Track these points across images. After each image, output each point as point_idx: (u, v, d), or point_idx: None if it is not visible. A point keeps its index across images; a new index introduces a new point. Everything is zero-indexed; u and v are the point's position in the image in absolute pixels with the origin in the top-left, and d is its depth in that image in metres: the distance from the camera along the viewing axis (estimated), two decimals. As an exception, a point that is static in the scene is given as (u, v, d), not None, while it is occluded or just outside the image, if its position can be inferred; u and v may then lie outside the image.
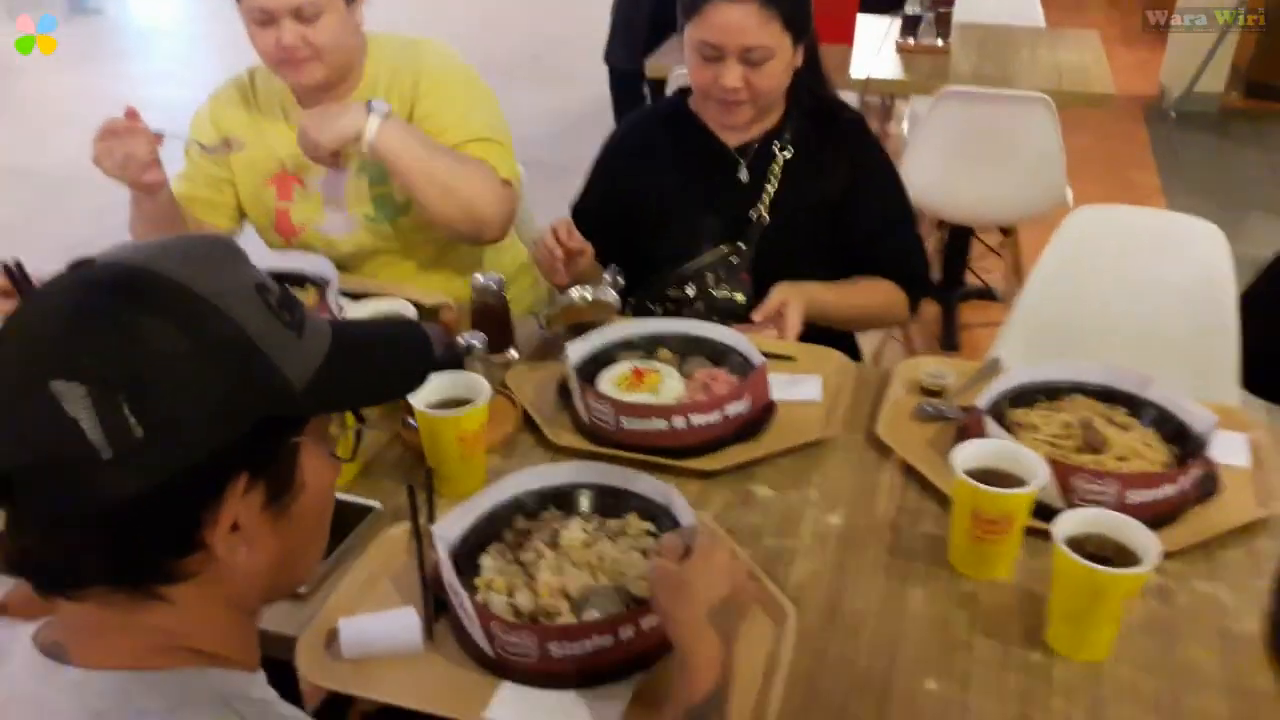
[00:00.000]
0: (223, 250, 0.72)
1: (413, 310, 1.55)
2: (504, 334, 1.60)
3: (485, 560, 1.14)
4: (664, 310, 1.84)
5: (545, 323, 1.61)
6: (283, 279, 1.71)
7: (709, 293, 1.81)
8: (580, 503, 1.22)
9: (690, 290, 1.82)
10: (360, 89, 1.83)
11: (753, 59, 1.65)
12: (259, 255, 1.81)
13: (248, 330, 0.67)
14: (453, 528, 1.14)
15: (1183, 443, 1.32)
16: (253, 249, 2.08)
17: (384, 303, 1.59)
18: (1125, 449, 1.30)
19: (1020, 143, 2.88)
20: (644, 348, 1.55)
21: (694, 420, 1.36)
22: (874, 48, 3.43)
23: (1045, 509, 1.20)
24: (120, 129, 1.58)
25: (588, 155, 1.97)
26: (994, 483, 1.13)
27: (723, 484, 1.35)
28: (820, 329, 1.76)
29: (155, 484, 0.63)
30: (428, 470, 1.24)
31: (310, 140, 1.66)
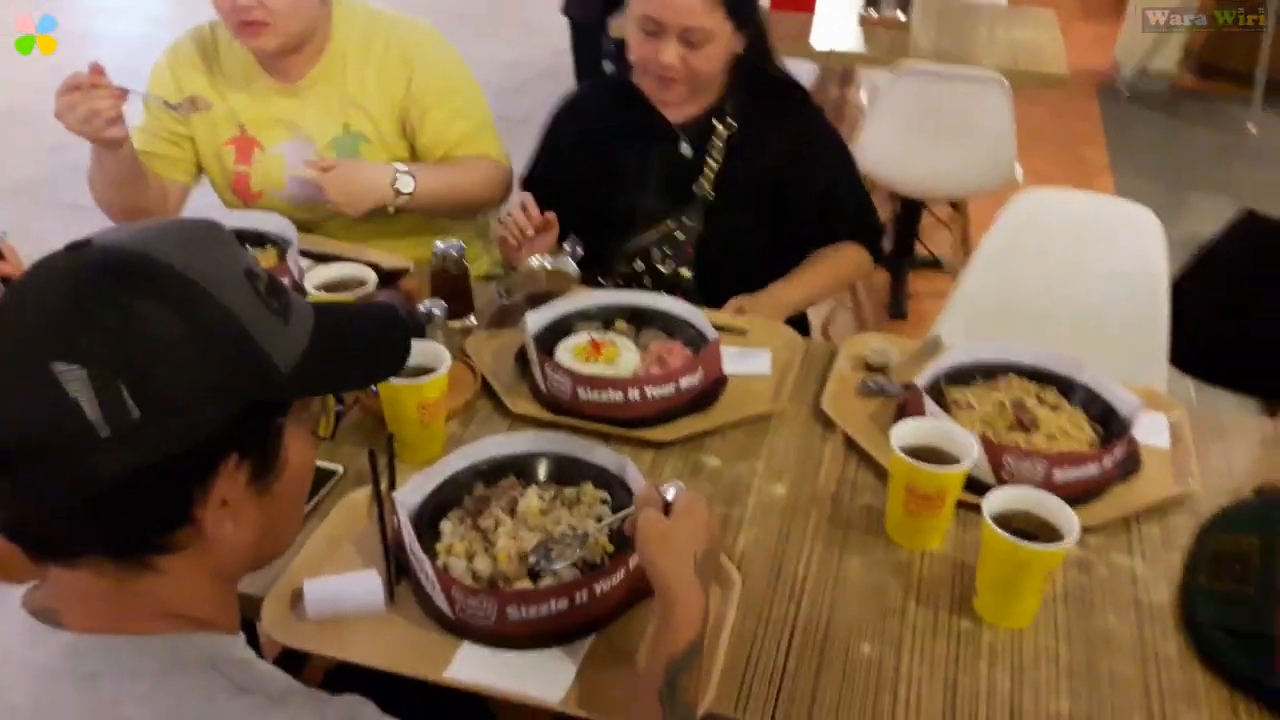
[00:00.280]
0: (215, 236, 0.75)
1: (374, 276, 1.58)
2: (463, 301, 1.63)
3: (445, 526, 1.19)
4: (615, 285, 1.86)
5: (504, 292, 1.64)
6: (243, 238, 1.73)
7: (656, 269, 1.85)
8: (538, 471, 1.26)
9: (639, 266, 1.85)
10: (327, 56, 1.82)
11: (691, 39, 1.67)
12: (218, 213, 1.82)
13: (240, 317, 0.70)
14: (413, 494, 1.18)
15: (1108, 424, 1.39)
16: (209, 206, 2.06)
17: (345, 267, 1.61)
18: (1054, 428, 1.37)
19: (974, 121, 2.94)
20: (601, 319, 1.59)
21: (649, 392, 1.40)
22: (835, 17, 3.46)
23: (978, 484, 1.27)
24: (84, 84, 1.56)
25: (545, 108, 1.98)
26: (929, 460, 1.20)
27: (674, 454, 1.40)
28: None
29: (150, 463, 0.66)
30: (389, 436, 1.27)
31: (337, 207, 1.77)
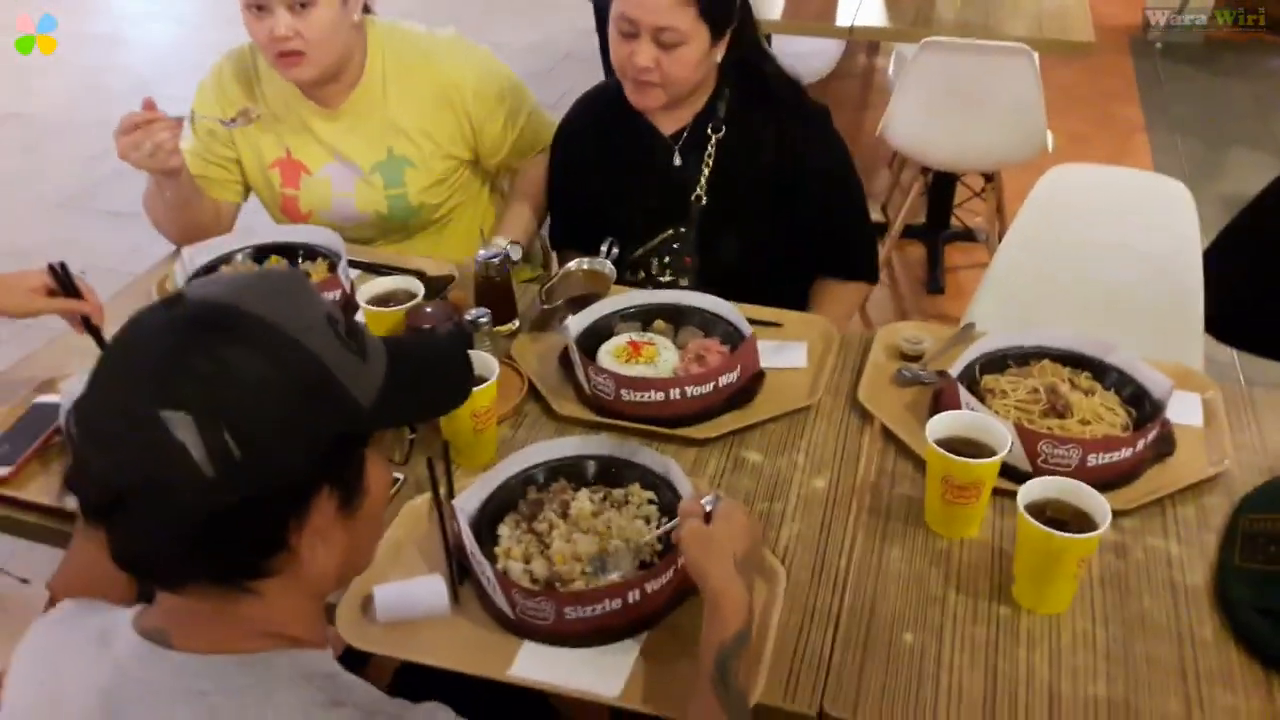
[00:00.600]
0: (298, 285, 0.82)
1: (421, 288, 1.63)
2: (507, 307, 1.68)
3: (503, 530, 1.25)
4: None
5: (544, 296, 1.69)
6: (294, 251, 1.80)
7: (655, 279, 1.87)
8: (587, 474, 1.32)
9: (640, 275, 1.88)
10: (363, 83, 1.87)
11: (664, 40, 1.66)
12: (268, 229, 1.88)
13: (325, 360, 0.77)
14: (471, 500, 1.24)
15: (1141, 405, 1.42)
16: (259, 223, 2.11)
17: (394, 280, 1.67)
18: (1088, 413, 1.40)
19: (1001, 92, 2.93)
20: (640, 319, 1.64)
21: (689, 391, 1.45)
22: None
23: (1014, 471, 1.31)
24: (141, 121, 1.60)
25: (573, 90, 1.99)
26: (964, 451, 1.24)
27: (716, 450, 1.45)
28: (801, 299, 1.85)
29: (250, 498, 0.73)
30: (444, 444, 1.34)
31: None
